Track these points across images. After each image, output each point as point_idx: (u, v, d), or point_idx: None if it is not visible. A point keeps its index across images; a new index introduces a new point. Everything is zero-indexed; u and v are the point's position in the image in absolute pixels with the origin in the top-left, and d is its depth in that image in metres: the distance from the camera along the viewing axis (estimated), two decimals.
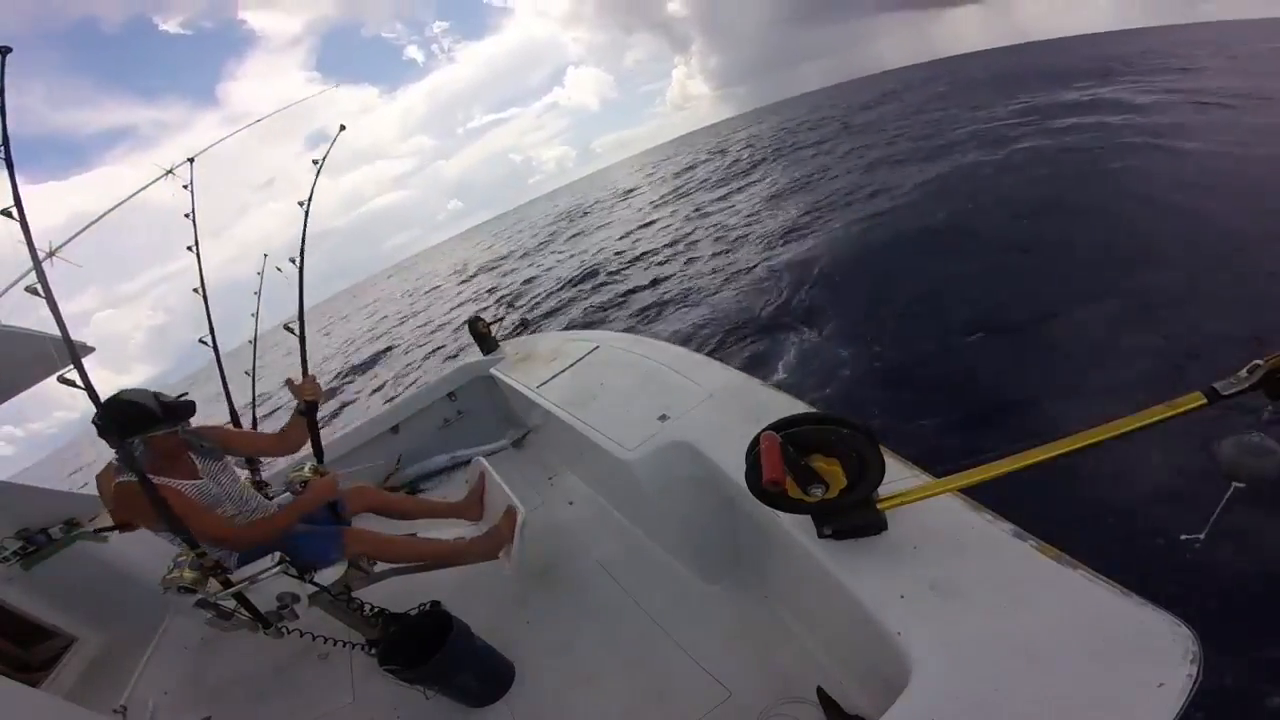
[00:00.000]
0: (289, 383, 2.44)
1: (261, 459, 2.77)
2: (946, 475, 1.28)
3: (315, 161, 3.13)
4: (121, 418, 1.88)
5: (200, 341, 2.84)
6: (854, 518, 1.30)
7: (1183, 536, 1.13)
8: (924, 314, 5.67)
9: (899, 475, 1.40)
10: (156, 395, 1.98)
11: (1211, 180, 7.40)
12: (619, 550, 2.43)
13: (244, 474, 2.67)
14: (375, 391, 11.82)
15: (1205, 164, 8.16)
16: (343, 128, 3.41)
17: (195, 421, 2.12)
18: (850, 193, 11.76)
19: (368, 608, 2.12)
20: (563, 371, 2.90)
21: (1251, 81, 14.78)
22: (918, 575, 1.20)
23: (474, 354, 3.74)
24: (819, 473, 1.19)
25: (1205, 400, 0.98)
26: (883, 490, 1.28)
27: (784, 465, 1.15)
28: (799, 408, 1.78)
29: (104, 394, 1.88)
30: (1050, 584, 1.11)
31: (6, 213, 2.00)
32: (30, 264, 2.03)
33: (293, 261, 3.03)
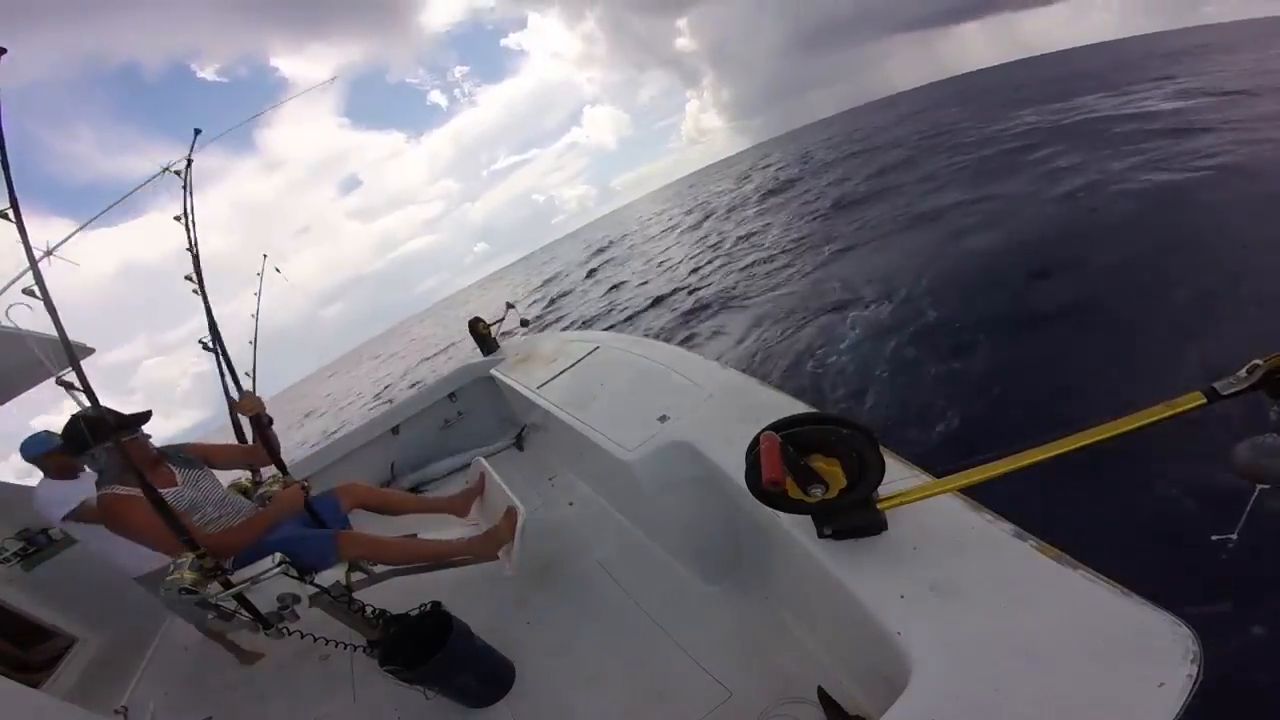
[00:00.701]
0: (231, 400, 2.55)
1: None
2: (946, 475, 1.28)
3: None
4: (77, 433, 2.00)
5: (200, 343, 2.83)
6: (854, 518, 1.29)
7: (1213, 537, 1.12)
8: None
9: (899, 475, 1.40)
10: (111, 411, 2.04)
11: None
12: (619, 550, 2.43)
13: (245, 475, 2.68)
14: None
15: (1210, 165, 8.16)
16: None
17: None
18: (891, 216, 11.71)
19: (368, 609, 2.12)
20: (563, 372, 2.90)
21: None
22: (918, 575, 1.20)
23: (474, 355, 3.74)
24: (819, 473, 1.19)
25: (1205, 400, 0.98)
26: (882, 490, 1.28)
27: (784, 465, 1.15)
28: (799, 408, 1.78)
29: (104, 400, 1.90)
30: (1050, 584, 1.11)
31: (4, 214, 1.99)
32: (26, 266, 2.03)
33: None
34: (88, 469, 2.37)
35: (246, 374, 2.93)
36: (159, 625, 3.03)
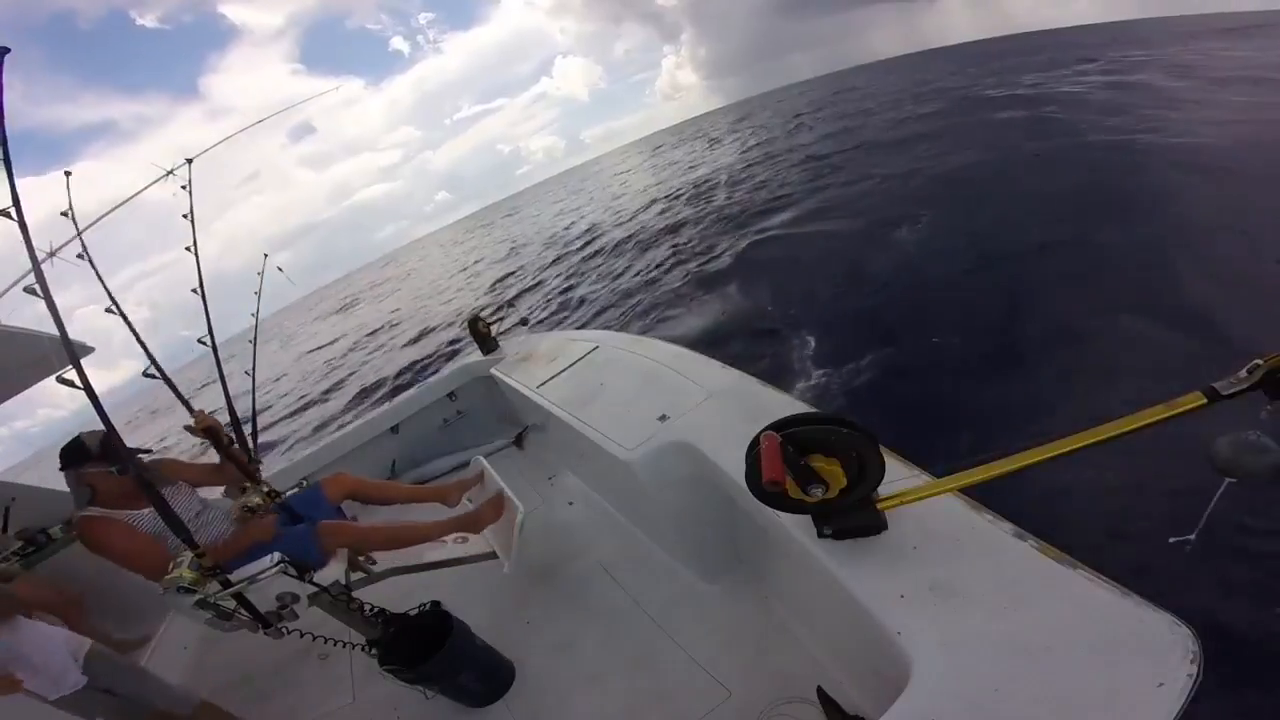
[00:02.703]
0: (186, 428, 2.48)
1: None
2: (946, 475, 1.28)
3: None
4: (65, 451, 2.05)
5: (200, 342, 2.82)
6: (854, 518, 1.30)
7: (1170, 540, 1.13)
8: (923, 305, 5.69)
9: (899, 475, 1.40)
10: (106, 438, 2.02)
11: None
12: (619, 550, 2.43)
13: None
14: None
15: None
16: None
17: None
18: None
19: (368, 607, 2.12)
20: (563, 371, 2.90)
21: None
22: (918, 575, 1.20)
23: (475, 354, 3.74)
24: (819, 473, 1.19)
25: (1205, 400, 0.98)
26: (882, 490, 1.28)
27: (784, 465, 1.15)
28: (799, 408, 1.78)
29: (100, 393, 1.90)
30: (1050, 584, 1.11)
31: (5, 213, 2.00)
32: (29, 265, 2.03)
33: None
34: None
35: (246, 372, 2.94)
36: (159, 625, 3.03)
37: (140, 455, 2.10)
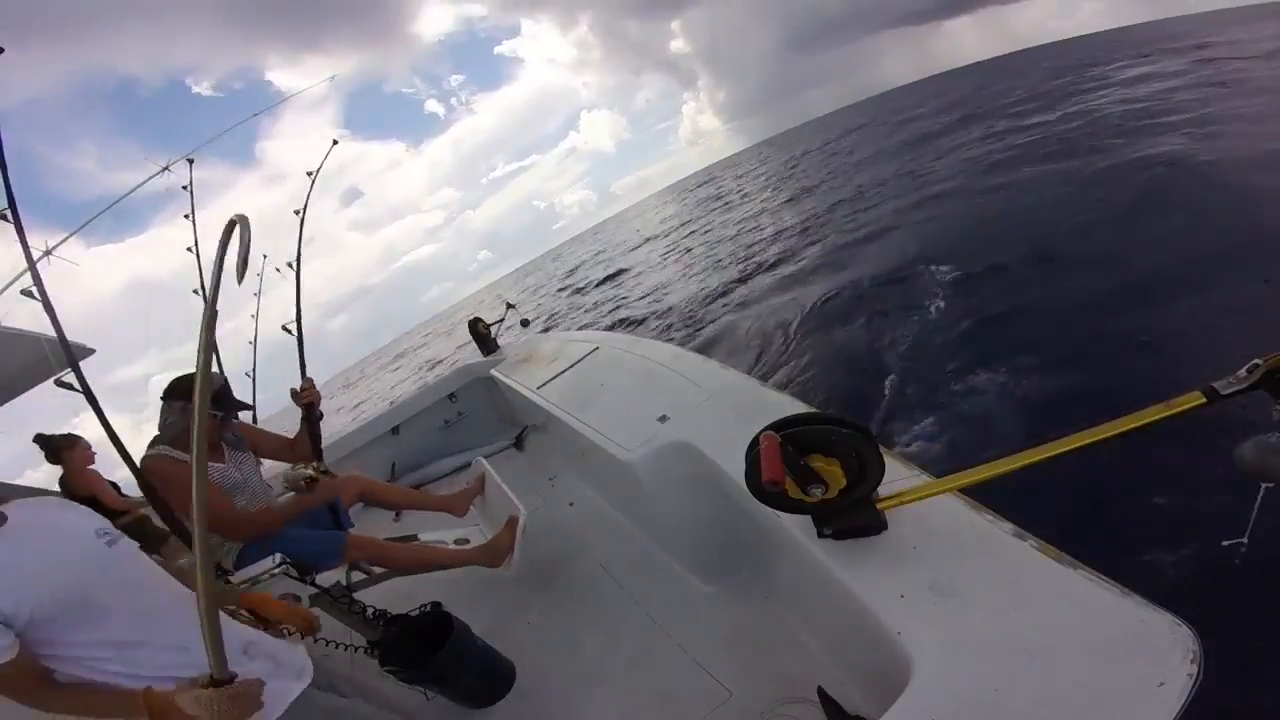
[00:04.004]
0: (292, 390, 2.56)
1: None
2: (946, 475, 1.28)
3: (309, 173, 3.23)
4: (177, 382, 2.12)
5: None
6: (854, 518, 1.29)
7: (1224, 543, 1.12)
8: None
9: (899, 475, 1.40)
10: (223, 386, 2.25)
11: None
12: (619, 551, 2.43)
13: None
14: None
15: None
16: (335, 142, 3.64)
17: None
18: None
19: (368, 609, 2.12)
20: (563, 372, 2.90)
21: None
22: (918, 575, 1.20)
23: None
24: (818, 473, 1.19)
25: (1205, 399, 0.98)
26: (882, 490, 1.28)
27: (783, 465, 1.15)
28: (799, 408, 1.77)
29: (102, 400, 1.91)
30: (1050, 584, 1.11)
31: (2, 215, 2.00)
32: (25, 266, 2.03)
33: (291, 266, 3.05)
34: None
35: (247, 373, 2.94)
36: None
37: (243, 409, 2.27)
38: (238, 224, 1.02)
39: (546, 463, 3.25)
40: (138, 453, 2.10)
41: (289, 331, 2.85)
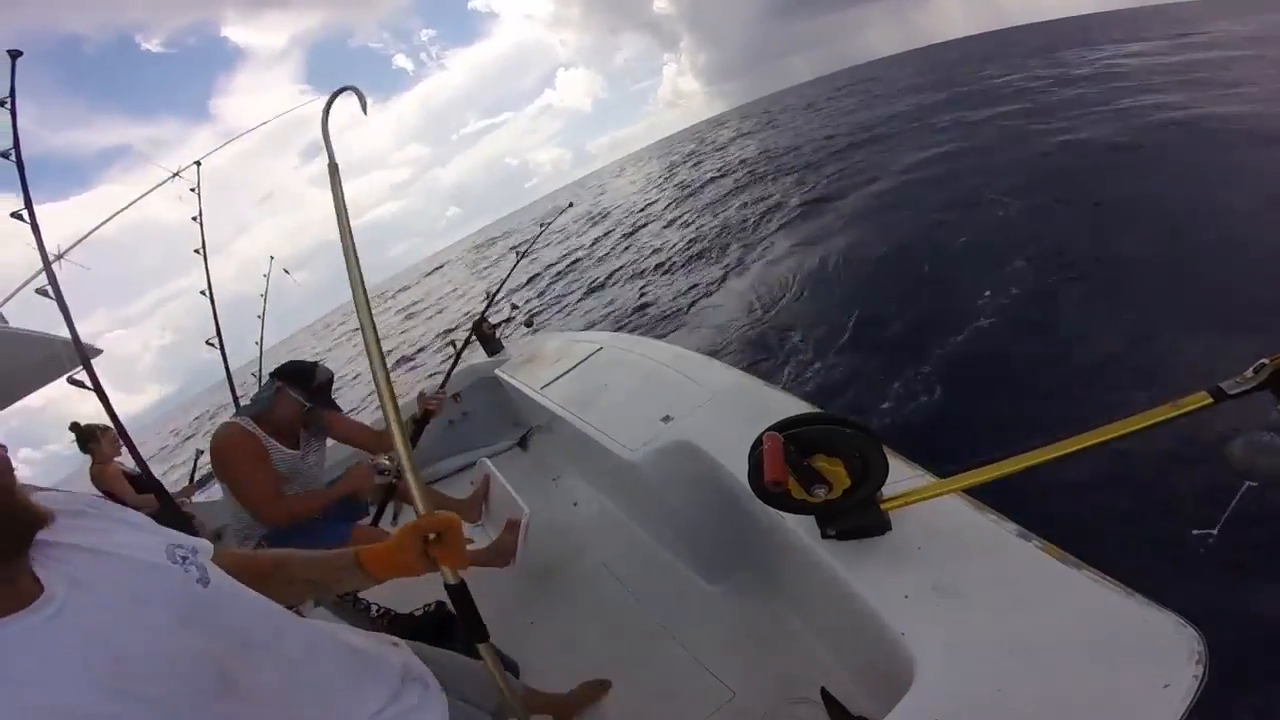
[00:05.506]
0: (421, 393, 2.67)
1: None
2: (950, 475, 1.28)
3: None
4: (293, 366, 2.20)
5: (207, 344, 2.86)
6: (857, 518, 1.30)
7: (1194, 532, 1.13)
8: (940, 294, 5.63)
9: (903, 475, 1.40)
10: (329, 380, 2.30)
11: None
12: (623, 551, 2.44)
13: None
14: None
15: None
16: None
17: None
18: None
19: (374, 608, 2.13)
20: (567, 372, 2.91)
21: None
22: (922, 576, 1.20)
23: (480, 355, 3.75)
24: (822, 473, 1.19)
25: (1211, 400, 0.98)
26: (886, 490, 1.28)
27: (786, 465, 1.15)
28: (802, 408, 1.77)
29: (114, 399, 1.94)
30: (1055, 584, 1.11)
31: (18, 215, 2.04)
32: (40, 266, 2.06)
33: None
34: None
35: (253, 375, 2.96)
36: None
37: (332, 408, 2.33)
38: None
39: (550, 463, 3.26)
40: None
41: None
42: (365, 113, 1.38)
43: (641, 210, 20.28)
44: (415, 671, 1.05)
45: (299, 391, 2.16)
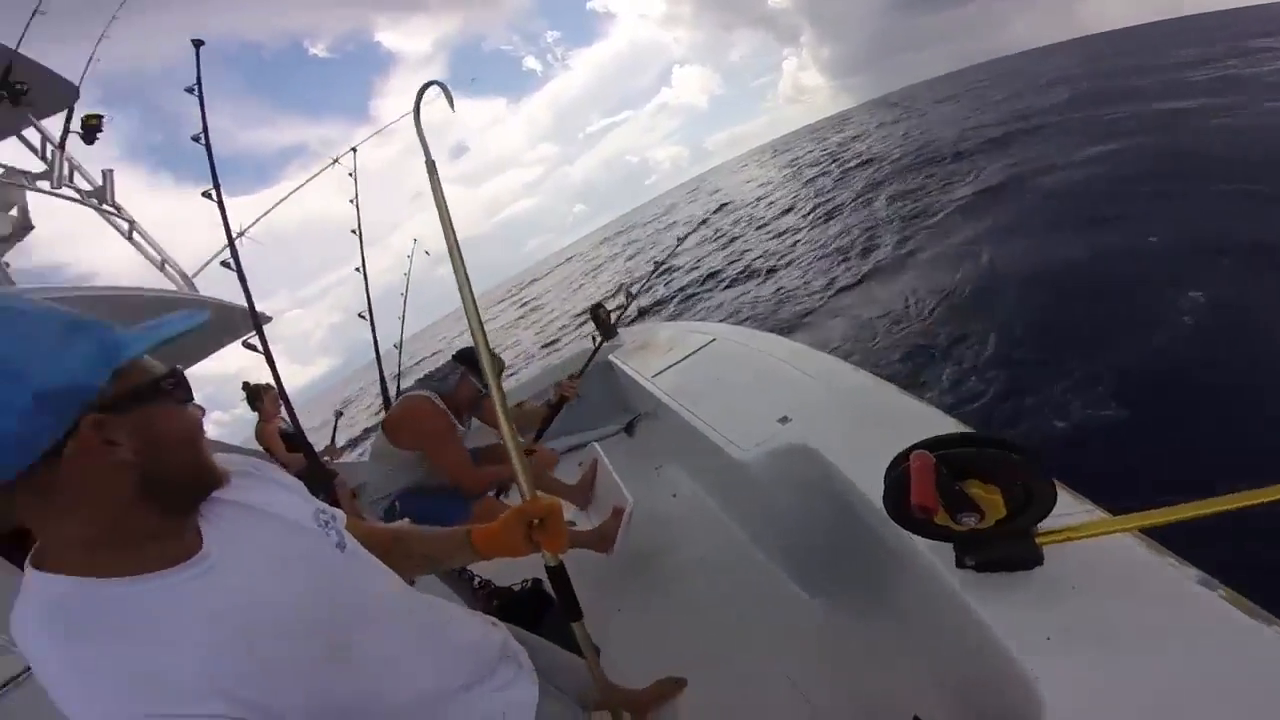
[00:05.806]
0: (559, 382, 2.97)
1: None
2: (1124, 514, 1.10)
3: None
4: (470, 351, 2.35)
5: (359, 315, 3.14)
6: (1004, 549, 1.16)
7: None
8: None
9: (1067, 509, 1.23)
10: (501, 369, 2.52)
11: None
12: (719, 549, 2.38)
13: None
14: None
15: None
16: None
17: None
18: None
19: (476, 578, 2.23)
20: (679, 362, 2.88)
21: None
22: (1072, 618, 1.06)
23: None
24: (975, 500, 1.06)
25: None
26: (1044, 524, 1.12)
27: (936, 490, 1.03)
28: (944, 421, 1.63)
29: (288, 371, 2.21)
30: (1238, 641, 0.93)
31: (207, 194, 2.33)
32: (224, 242, 2.36)
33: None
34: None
35: (395, 345, 3.21)
36: None
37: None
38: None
39: (654, 451, 3.26)
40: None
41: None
42: (452, 108, 1.42)
43: (768, 202, 19.82)
44: (511, 651, 1.08)
45: (478, 377, 2.33)
